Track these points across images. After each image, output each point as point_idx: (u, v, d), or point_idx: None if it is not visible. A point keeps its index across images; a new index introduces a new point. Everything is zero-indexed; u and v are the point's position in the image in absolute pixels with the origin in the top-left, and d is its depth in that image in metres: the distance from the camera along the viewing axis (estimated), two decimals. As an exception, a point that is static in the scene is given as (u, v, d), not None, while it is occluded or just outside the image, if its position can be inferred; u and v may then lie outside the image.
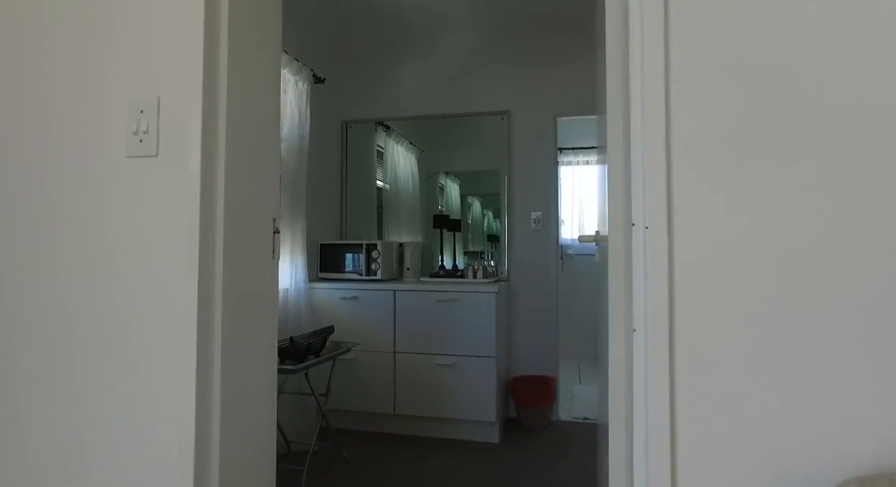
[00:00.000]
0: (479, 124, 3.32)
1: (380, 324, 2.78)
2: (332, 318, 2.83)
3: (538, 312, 3.12)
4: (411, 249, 3.13)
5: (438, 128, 3.47)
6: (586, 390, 3.67)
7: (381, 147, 3.60)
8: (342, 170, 3.49)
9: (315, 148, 3.11)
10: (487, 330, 2.65)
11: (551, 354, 3.10)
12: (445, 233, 3.35)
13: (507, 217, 3.22)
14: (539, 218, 3.13)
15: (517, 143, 3.19)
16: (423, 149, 3.64)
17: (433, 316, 2.72)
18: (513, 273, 3.17)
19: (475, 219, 3.50)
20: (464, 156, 3.41)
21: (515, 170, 3.20)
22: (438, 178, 3.60)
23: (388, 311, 2.78)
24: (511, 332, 3.15)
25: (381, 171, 3.59)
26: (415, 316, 2.74)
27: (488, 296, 2.65)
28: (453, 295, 2.70)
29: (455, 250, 3.42)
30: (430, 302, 2.72)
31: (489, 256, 3.34)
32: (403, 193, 3.63)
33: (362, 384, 2.80)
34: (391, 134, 3.56)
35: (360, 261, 2.99)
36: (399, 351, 2.76)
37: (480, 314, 2.66)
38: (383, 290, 2.79)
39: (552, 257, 3.12)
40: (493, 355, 2.64)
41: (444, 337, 2.70)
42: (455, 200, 3.56)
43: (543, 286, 3.11)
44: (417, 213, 3.53)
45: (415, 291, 2.75)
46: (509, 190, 3.22)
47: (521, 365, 3.13)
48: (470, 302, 2.67)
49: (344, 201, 3.48)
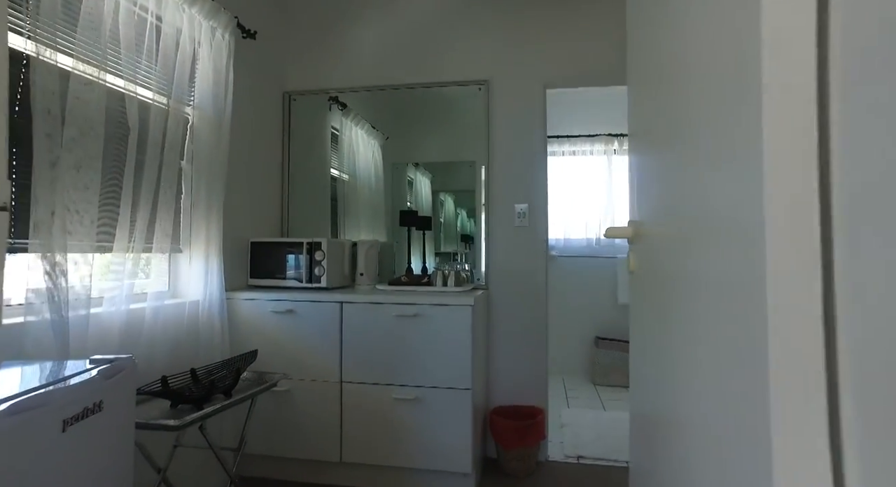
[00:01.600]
0: (453, 101, 2.73)
1: (322, 346, 2.16)
2: (260, 339, 2.19)
3: (523, 328, 2.54)
4: (366, 249, 2.52)
5: (404, 109, 2.87)
6: (577, 417, 3.11)
7: (337, 129, 2.98)
8: (284, 152, 2.85)
9: (245, 122, 2.46)
10: (461, 353, 2.05)
11: (539, 379, 2.52)
12: (415, 233, 2.75)
13: (485, 210, 2.63)
14: (524, 211, 2.56)
15: (498, 120, 2.61)
16: (387, 134, 3.03)
17: (391, 336, 2.11)
18: (492, 278, 2.59)
19: (448, 219, 2.92)
20: (435, 144, 2.82)
21: (496, 153, 2.61)
22: (407, 171, 3.00)
23: (332, 329, 2.15)
24: (491, 353, 2.57)
25: (336, 158, 2.97)
26: (368, 335, 2.12)
27: (462, 311, 2.05)
28: (418, 308, 2.09)
29: (425, 252, 2.83)
30: (388, 318, 2.11)
31: (463, 258, 2.75)
32: (364, 186, 3.02)
33: (298, 423, 2.17)
34: (349, 114, 2.95)
35: (301, 265, 2.36)
36: (347, 381, 2.14)
37: (452, 332, 2.06)
38: (327, 302, 2.16)
39: (540, 258, 2.54)
40: (467, 386, 2.04)
41: (405, 362, 2.09)
42: (426, 197, 2.97)
43: (530, 294, 2.54)
44: (381, 209, 2.93)
45: (368, 303, 2.13)
46: (489, 176, 2.63)
47: (503, 392, 2.54)
48: (439, 317, 2.07)
49: (286, 191, 2.84)
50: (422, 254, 2.81)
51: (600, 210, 4.11)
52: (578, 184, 4.20)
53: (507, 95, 2.60)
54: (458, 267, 2.51)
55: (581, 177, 4.20)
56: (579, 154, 4.20)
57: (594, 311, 4.14)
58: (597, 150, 4.15)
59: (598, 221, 4.10)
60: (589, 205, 4.16)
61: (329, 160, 2.92)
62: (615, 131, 4.13)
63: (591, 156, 4.17)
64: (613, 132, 4.13)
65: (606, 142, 4.12)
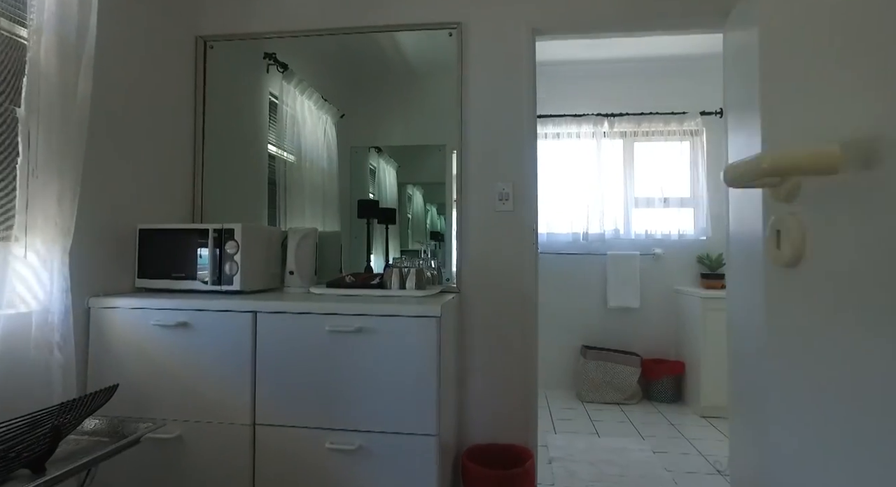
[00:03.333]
0: (420, 73, 2.17)
1: (228, 375, 1.53)
2: (139, 366, 1.55)
3: (506, 342, 1.96)
4: (299, 240, 1.90)
5: (363, 80, 2.31)
6: (567, 446, 2.55)
7: (276, 96, 2.36)
8: (196, 117, 2.20)
9: (132, 67, 1.81)
10: (423, 383, 1.46)
11: (526, 409, 1.95)
12: (378, 229, 2.19)
13: (457, 191, 2.05)
14: (507, 192, 1.98)
15: (475, 75, 2.03)
16: (342, 110, 2.44)
17: (326, 360, 1.50)
18: (466, 278, 2.01)
19: (417, 215, 2.35)
20: (399, 124, 2.26)
21: (472, 117, 2.03)
22: (368, 158, 2.41)
23: (243, 350, 1.53)
24: (464, 376, 1.98)
25: (275, 133, 2.36)
26: (293, 358, 1.51)
27: (424, 324, 1.46)
28: (362, 320, 1.49)
29: (388, 249, 2.25)
30: (321, 334, 1.50)
31: (429, 254, 2.18)
32: (314, 169, 2.43)
33: (193, 484, 1.53)
34: (291, 78, 2.34)
35: (206, 261, 1.72)
36: (262, 424, 1.52)
37: (411, 354, 1.46)
38: (235, 311, 1.54)
39: (527, 252, 1.97)
40: (431, 431, 1.45)
41: (344, 397, 1.49)
42: (391, 189, 2.39)
43: (515, 298, 1.96)
44: (335, 198, 2.34)
45: (293, 314, 1.51)
46: (462, 147, 2.05)
47: (480, 427, 1.96)
48: (393, 333, 1.47)
49: (200, 166, 2.19)
50: (384, 252, 2.23)
51: (588, 201, 3.58)
52: (563, 171, 3.67)
53: (485, 43, 2.02)
54: (422, 263, 1.92)
55: (566, 162, 3.67)
56: (564, 136, 3.67)
57: (581, 316, 3.61)
58: (584, 132, 3.63)
59: (586, 213, 3.58)
60: (575, 195, 3.63)
61: (265, 134, 2.31)
62: (605, 110, 3.61)
63: (578, 139, 3.64)
64: (603, 111, 3.61)
65: (595, 123, 3.60)
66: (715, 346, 2.99)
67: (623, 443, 2.59)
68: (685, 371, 3.29)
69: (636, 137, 3.62)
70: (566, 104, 3.66)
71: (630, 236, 3.57)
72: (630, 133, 3.61)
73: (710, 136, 3.50)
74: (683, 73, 3.55)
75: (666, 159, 3.59)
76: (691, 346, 3.19)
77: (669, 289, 3.53)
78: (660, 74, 3.57)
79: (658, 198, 3.56)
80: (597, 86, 3.65)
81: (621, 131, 3.61)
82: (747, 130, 1.67)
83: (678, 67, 3.55)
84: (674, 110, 3.52)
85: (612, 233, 3.56)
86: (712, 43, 3.24)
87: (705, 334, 3.01)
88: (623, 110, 3.58)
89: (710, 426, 2.87)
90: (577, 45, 3.34)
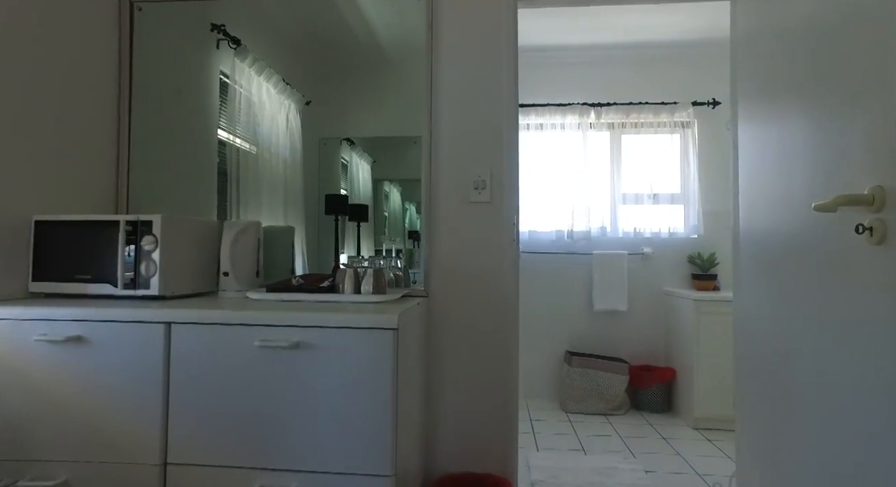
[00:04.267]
0: (393, 57, 1.90)
1: (133, 402, 1.22)
2: (18, 392, 1.23)
3: (482, 353, 1.69)
4: (235, 235, 1.59)
5: (330, 64, 2.07)
6: (552, 467, 2.29)
7: (227, 75, 2.07)
8: (122, 91, 1.89)
9: (30, 28, 1.49)
10: (376, 411, 1.17)
11: (504, 432, 1.68)
12: (348, 226, 1.96)
13: (424, 179, 1.78)
14: (485, 181, 1.71)
15: (446, 44, 1.76)
16: (308, 97, 2.16)
17: (257, 383, 1.20)
18: (436, 279, 1.73)
19: (394, 214, 2.09)
20: (372, 114, 2.02)
21: (443, 93, 1.76)
22: (340, 151, 2.15)
23: (151, 371, 1.22)
24: (432, 396, 1.70)
25: (227, 117, 2.08)
26: (215, 381, 1.21)
27: (378, 337, 1.18)
28: (302, 333, 1.20)
29: (360, 248, 1.99)
30: (249, 350, 1.21)
31: (394, 252, 1.92)
32: (274, 160, 2.16)
33: (88, 539, 1.22)
34: (245, 56, 2.08)
35: (118, 260, 1.41)
36: (176, 463, 1.21)
37: (362, 374, 1.18)
38: (143, 323, 1.23)
39: (507, 249, 1.70)
40: (386, 471, 1.17)
41: (279, 430, 1.20)
42: (365, 185, 2.14)
43: (492, 303, 1.69)
44: (299, 192, 2.09)
45: (217, 325, 1.21)
46: (432, 128, 1.77)
47: (450, 454, 1.69)
48: (339, 349, 1.19)
49: (125, 149, 1.88)
50: (356, 251, 1.98)
51: (574, 196, 3.34)
52: (547, 165, 3.42)
53: (459, 9, 1.75)
54: (383, 262, 1.64)
55: (550, 155, 3.42)
56: (548, 127, 3.42)
57: (565, 320, 3.36)
58: (569, 123, 3.38)
59: (571, 210, 3.33)
60: (560, 191, 3.38)
61: (214, 117, 2.01)
62: (591, 100, 3.37)
63: (563, 130, 3.39)
64: (590, 101, 3.37)
65: (581, 113, 3.35)
66: (708, 352, 2.77)
67: (612, 461, 2.34)
68: (676, 378, 3.06)
69: (624, 129, 3.38)
70: (550, 93, 3.41)
71: (617, 234, 3.33)
72: (618, 124, 3.38)
73: (702, 128, 3.28)
74: (674, 61, 3.32)
75: (655, 152, 3.36)
76: (683, 352, 2.96)
77: (659, 291, 3.30)
78: (650, 62, 3.34)
79: (647, 193, 3.33)
80: (583, 74, 3.40)
81: (608, 122, 3.38)
82: (763, 120, 1.42)
83: (669, 55, 3.32)
84: (664, 100, 3.30)
85: (599, 230, 3.32)
86: (706, 28, 3.02)
87: (698, 339, 2.78)
88: (611, 100, 3.34)
89: (705, 439, 2.64)
90: (562, 30, 3.09)
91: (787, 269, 1.27)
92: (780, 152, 1.31)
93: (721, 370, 2.74)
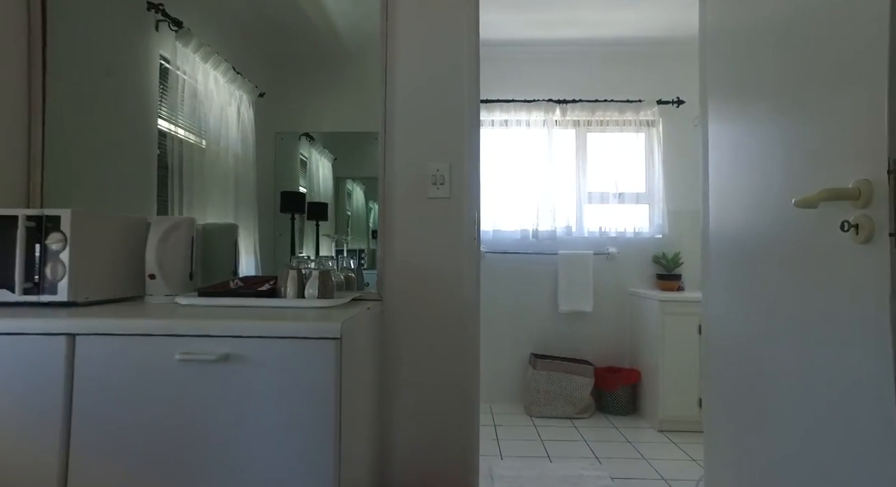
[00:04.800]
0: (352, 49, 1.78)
1: (24, 427, 1.04)
2: None
3: (441, 359, 1.57)
4: (164, 233, 1.42)
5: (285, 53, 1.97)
6: (516, 477, 2.19)
7: (167, 59, 1.90)
8: (32, 70, 1.68)
9: None
10: (314, 432, 1.03)
11: (465, 439, 1.56)
12: (307, 225, 1.85)
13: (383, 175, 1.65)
14: (443, 175, 1.59)
15: (401, 21, 1.63)
16: (261, 88, 2.02)
17: (178, 402, 1.05)
18: (390, 282, 1.60)
19: (357, 213, 1.96)
20: (330, 108, 1.91)
21: (398, 76, 1.63)
22: (298, 147, 2.01)
23: (50, 390, 1.05)
24: (386, 408, 1.57)
25: (168, 106, 1.91)
26: (127, 401, 1.05)
27: (319, 347, 1.04)
28: (231, 344, 1.05)
29: (318, 248, 1.86)
30: (169, 365, 1.05)
31: (358, 253, 1.81)
32: (225, 154, 2.01)
33: None
34: (189, 40, 1.95)
35: (17, 261, 1.23)
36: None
37: (297, 390, 1.04)
38: (40, 335, 1.05)
39: (468, 248, 1.59)
40: (327, 500, 1.03)
41: (203, 455, 1.04)
42: (326, 183, 2.01)
43: (452, 307, 1.57)
44: (253, 189, 1.95)
45: (129, 337, 1.05)
46: (386, 115, 1.64)
47: (408, 471, 1.56)
48: (272, 361, 1.04)
49: (38, 136, 1.67)
50: (315, 252, 1.86)
51: (539, 195, 3.26)
52: (511, 162, 3.33)
53: (416, -11, 1.63)
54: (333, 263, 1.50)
55: (515, 152, 3.33)
56: (513, 124, 3.33)
57: (530, 322, 3.28)
58: (535, 120, 3.30)
59: (537, 209, 3.25)
60: (525, 189, 3.30)
61: (153, 104, 1.84)
62: (557, 96, 3.30)
63: (528, 127, 3.31)
64: (555, 98, 3.30)
65: (547, 110, 3.28)
66: (674, 353, 2.73)
67: (578, 469, 2.26)
68: (641, 380, 3.02)
69: (590, 127, 3.33)
70: (515, 89, 3.32)
71: (583, 234, 3.27)
72: (583, 122, 3.32)
73: (667, 127, 3.26)
74: (639, 58, 3.29)
75: (621, 151, 3.32)
76: (648, 353, 2.92)
77: (623, 291, 3.26)
78: (615, 60, 3.30)
79: (612, 192, 3.29)
80: (548, 70, 3.33)
81: (574, 120, 3.32)
82: (735, 117, 1.35)
83: (634, 53, 3.29)
84: (629, 98, 3.26)
85: (564, 230, 3.26)
86: (671, 26, 2.99)
87: (664, 340, 2.74)
88: (576, 96, 3.28)
89: (670, 442, 2.60)
90: (527, 24, 3.01)
91: (762, 269, 1.19)
92: (754, 150, 1.24)
93: (686, 371, 2.71)
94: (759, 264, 1.21)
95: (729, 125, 1.41)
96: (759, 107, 1.22)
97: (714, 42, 1.50)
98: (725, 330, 1.41)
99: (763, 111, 1.20)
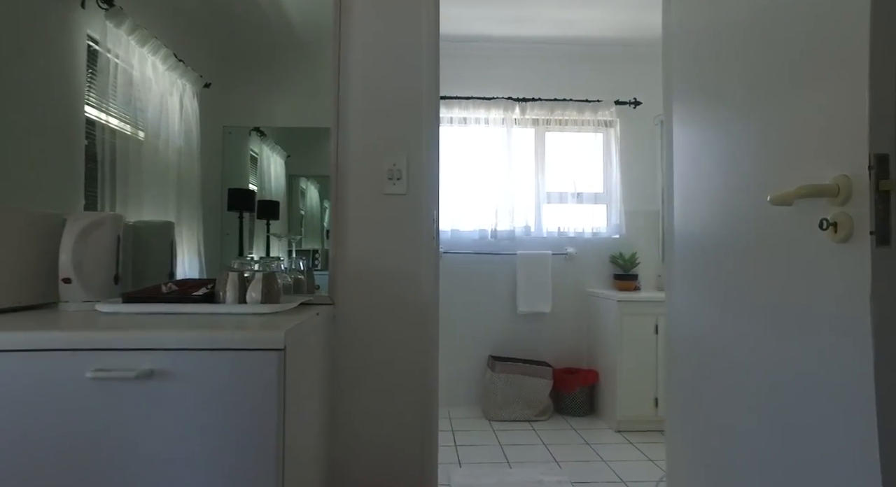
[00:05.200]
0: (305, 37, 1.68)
1: None
2: None
3: (397, 366, 1.47)
4: (82, 231, 1.25)
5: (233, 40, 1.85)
6: (476, 480, 2.12)
7: (96, 41, 1.72)
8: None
9: None
10: (252, 459, 0.91)
11: (424, 449, 1.47)
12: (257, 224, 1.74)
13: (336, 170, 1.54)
14: (400, 170, 1.49)
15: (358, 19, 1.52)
16: (207, 78, 1.87)
17: (90, 429, 0.90)
18: (342, 285, 1.48)
19: (312, 212, 1.84)
20: (281, 100, 1.81)
21: (353, 73, 1.51)
22: (248, 142, 1.87)
23: (-68, 418, 0.88)
24: (338, 420, 1.45)
25: (97, 91, 1.73)
26: (27, 429, 0.89)
27: (258, 360, 0.92)
28: (153, 358, 0.91)
29: (269, 248, 1.73)
30: (80, 384, 0.90)
31: (312, 254, 1.71)
32: (166, 147, 1.85)
33: None
34: (122, 20, 1.81)
35: None
36: (-32, 543, 0.88)
37: (233, 411, 0.92)
38: (-81, 351, 0.88)
39: (426, 247, 1.50)
40: (268, 534, 0.91)
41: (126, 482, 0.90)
42: (278, 181, 1.89)
43: (408, 307, 1.48)
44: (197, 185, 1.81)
45: (30, 353, 0.89)
46: (338, 104, 1.53)
47: (363, 483, 1.45)
48: (203, 378, 0.92)
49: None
50: (266, 252, 1.73)
51: (497, 194, 3.21)
52: (470, 161, 3.26)
53: (372, -29, 1.52)
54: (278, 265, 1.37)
55: (474, 151, 3.27)
56: (472, 122, 3.26)
57: (488, 324, 3.23)
58: (494, 118, 3.25)
59: (495, 208, 3.20)
60: (484, 188, 3.24)
61: (80, 90, 1.65)
62: (516, 94, 3.26)
63: (487, 125, 3.25)
64: (514, 96, 3.25)
65: (506, 108, 3.23)
66: (631, 353, 2.74)
67: (538, 474, 2.21)
68: (599, 380, 3.01)
69: (549, 126, 3.30)
70: (474, 86, 3.26)
71: (542, 234, 3.25)
72: (542, 121, 3.29)
73: (624, 128, 3.28)
74: (598, 58, 3.29)
75: (579, 151, 3.32)
76: (606, 353, 2.92)
77: (581, 292, 3.25)
78: (574, 59, 3.29)
79: (571, 192, 3.28)
80: (508, 67, 3.29)
81: (533, 118, 3.28)
82: (702, 117, 1.33)
83: (593, 52, 3.29)
84: (588, 98, 3.26)
85: (523, 230, 3.22)
86: (629, 27, 3.00)
87: (621, 340, 2.74)
88: (536, 95, 3.25)
89: (628, 443, 2.59)
90: (486, 19, 2.95)
91: (728, 268, 1.16)
92: (723, 148, 1.21)
93: (642, 371, 2.72)
94: (725, 263, 1.18)
95: (694, 125, 1.38)
96: (727, 104, 1.19)
97: (679, 39, 1.47)
98: (689, 329, 1.38)
99: (731, 109, 1.17)
